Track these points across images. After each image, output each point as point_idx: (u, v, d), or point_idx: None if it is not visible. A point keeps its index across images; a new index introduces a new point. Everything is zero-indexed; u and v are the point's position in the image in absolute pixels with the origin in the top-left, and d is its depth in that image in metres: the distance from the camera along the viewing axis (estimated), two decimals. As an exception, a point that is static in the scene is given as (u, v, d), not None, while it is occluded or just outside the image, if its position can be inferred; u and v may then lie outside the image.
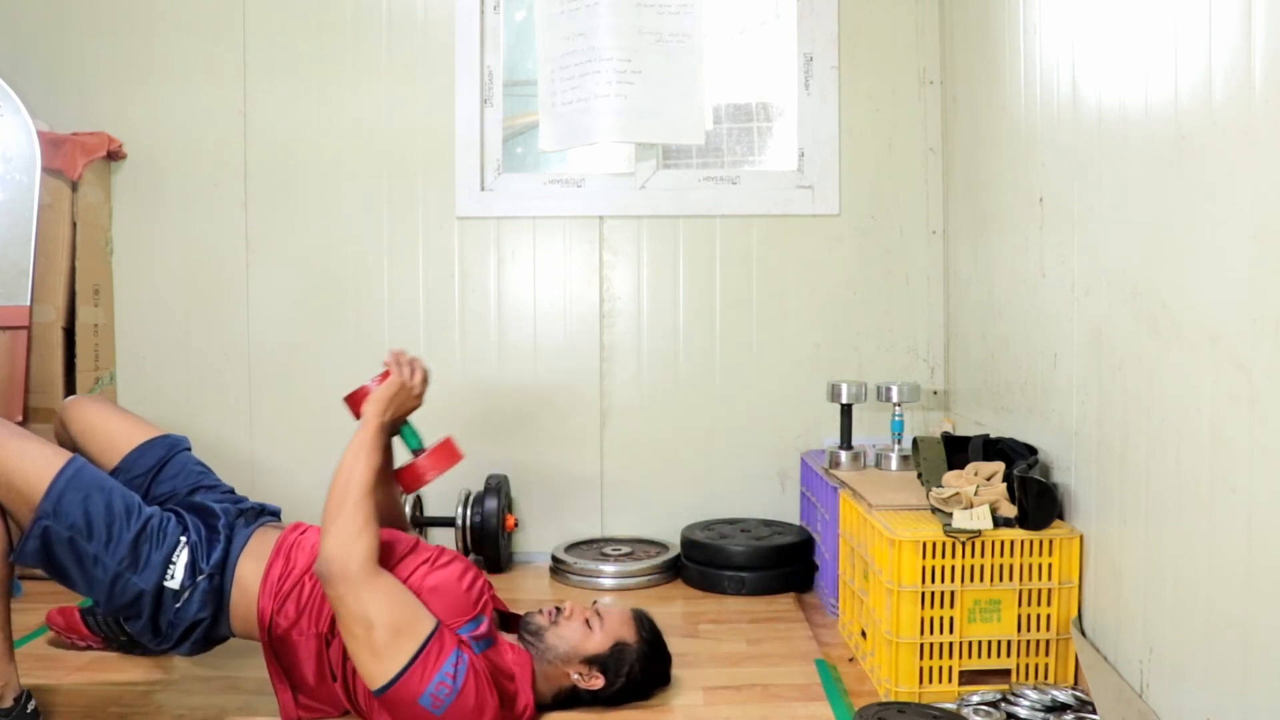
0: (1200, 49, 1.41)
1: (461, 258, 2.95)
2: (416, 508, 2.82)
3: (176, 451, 1.96)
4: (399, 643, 1.57)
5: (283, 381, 2.95)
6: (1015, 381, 2.23)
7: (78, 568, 1.62)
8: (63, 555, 1.61)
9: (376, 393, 1.84)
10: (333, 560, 1.61)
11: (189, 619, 1.68)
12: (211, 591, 1.70)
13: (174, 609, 1.67)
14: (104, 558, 1.61)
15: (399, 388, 1.85)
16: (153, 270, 2.95)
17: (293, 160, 2.94)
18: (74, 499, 1.60)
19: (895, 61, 2.90)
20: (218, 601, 1.71)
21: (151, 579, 1.65)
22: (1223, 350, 1.36)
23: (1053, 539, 1.86)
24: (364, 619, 1.58)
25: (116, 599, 1.64)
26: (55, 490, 1.59)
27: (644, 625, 1.82)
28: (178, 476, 1.92)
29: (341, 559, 1.61)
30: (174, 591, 1.67)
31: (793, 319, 2.93)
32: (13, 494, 1.60)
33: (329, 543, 1.63)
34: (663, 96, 2.85)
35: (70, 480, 1.62)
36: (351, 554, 1.61)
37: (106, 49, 2.93)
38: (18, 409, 2.52)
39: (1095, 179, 1.79)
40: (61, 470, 1.61)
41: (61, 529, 1.59)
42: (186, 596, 1.67)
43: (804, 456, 2.77)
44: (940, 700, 1.81)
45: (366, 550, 1.63)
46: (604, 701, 1.77)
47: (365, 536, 1.65)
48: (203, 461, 2.00)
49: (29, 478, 1.59)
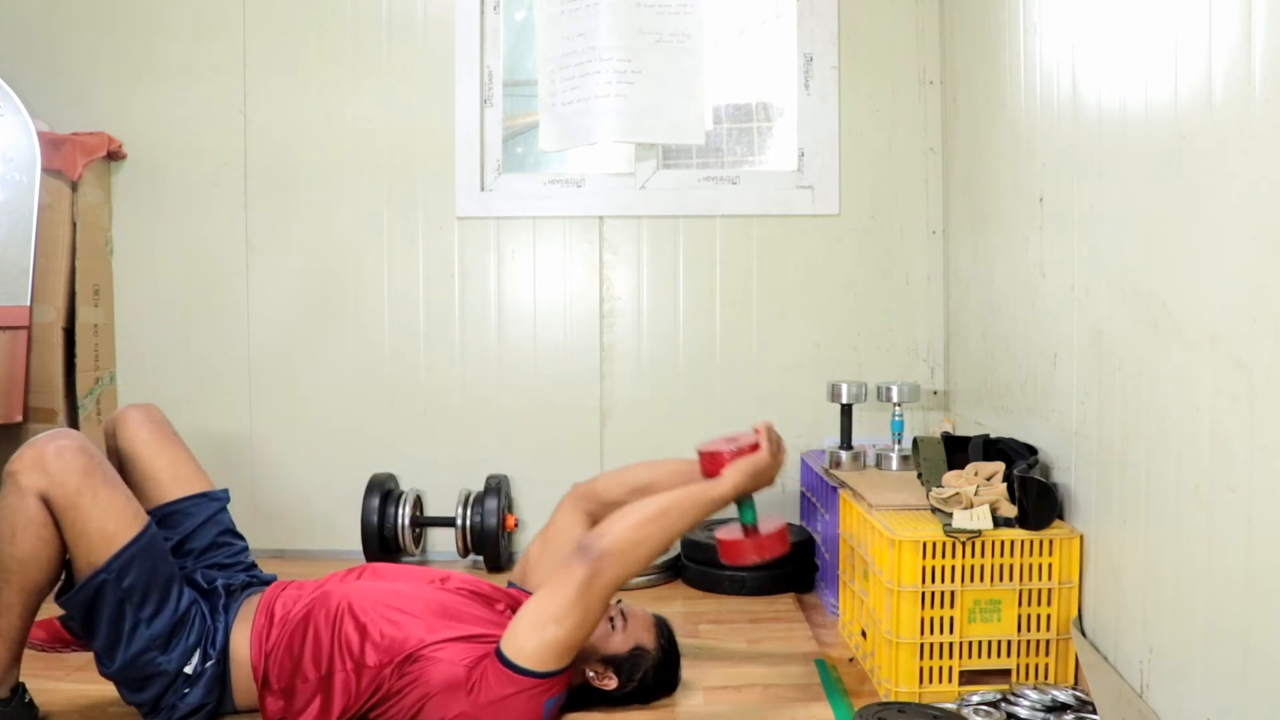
0: (1200, 49, 1.41)
1: (461, 258, 2.95)
2: (417, 508, 2.82)
3: (214, 514, 1.91)
4: (559, 654, 1.62)
5: (283, 381, 2.95)
6: (1015, 381, 2.23)
7: (111, 627, 1.60)
8: (104, 612, 1.59)
9: (745, 463, 1.79)
10: (608, 552, 1.63)
11: (192, 704, 1.67)
12: (216, 678, 1.69)
13: (181, 693, 1.66)
14: (141, 630, 1.61)
15: (767, 465, 1.82)
16: (153, 270, 2.95)
17: (293, 160, 2.94)
18: (143, 565, 1.60)
19: (895, 61, 2.90)
20: (221, 686, 1.70)
21: (175, 663, 1.64)
22: (1223, 350, 1.36)
23: (1053, 539, 1.86)
24: (562, 614, 1.60)
25: (133, 669, 1.63)
26: (129, 552, 1.58)
27: (664, 633, 1.83)
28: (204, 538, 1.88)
29: (613, 558, 1.63)
30: (187, 677, 1.66)
31: (793, 319, 2.93)
32: (83, 540, 1.58)
33: (619, 536, 1.65)
34: (663, 96, 2.85)
35: (145, 546, 1.61)
36: (621, 563, 1.64)
37: (106, 49, 2.93)
38: (18, 409, 2.52)
39: (1095, 179, 1.79)
40: (138, 536, 1.60)
41: (117, 590, 1.58)
42: (195, 683, 1.67)
43: (804, 456, 2.77)
44: (940, 700, 1.81)
45: (627, 575, 1.66)
46: (610, 702, 1.78)
47: (638, 566, 1.68)
48: (231, 526, 1.95)
49: (105, 531, 1.58)
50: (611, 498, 1.96)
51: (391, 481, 2.84)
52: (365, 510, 2.72)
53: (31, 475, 1.55)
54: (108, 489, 1.60)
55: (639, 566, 1.68)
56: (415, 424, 2.96)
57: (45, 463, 1.56)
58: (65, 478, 1.56)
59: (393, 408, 2.96)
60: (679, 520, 1.72)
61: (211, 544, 1.87)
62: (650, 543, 1.68)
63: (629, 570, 1.66)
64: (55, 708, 1.81)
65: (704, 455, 1.83)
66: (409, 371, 2.95)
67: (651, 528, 1.68)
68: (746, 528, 1.84)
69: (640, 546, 1.67)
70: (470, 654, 1.64)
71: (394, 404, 2.96)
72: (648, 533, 1.68)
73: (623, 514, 1.71)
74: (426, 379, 2.96)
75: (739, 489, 1.78)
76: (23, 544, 1.57)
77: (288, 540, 2.94)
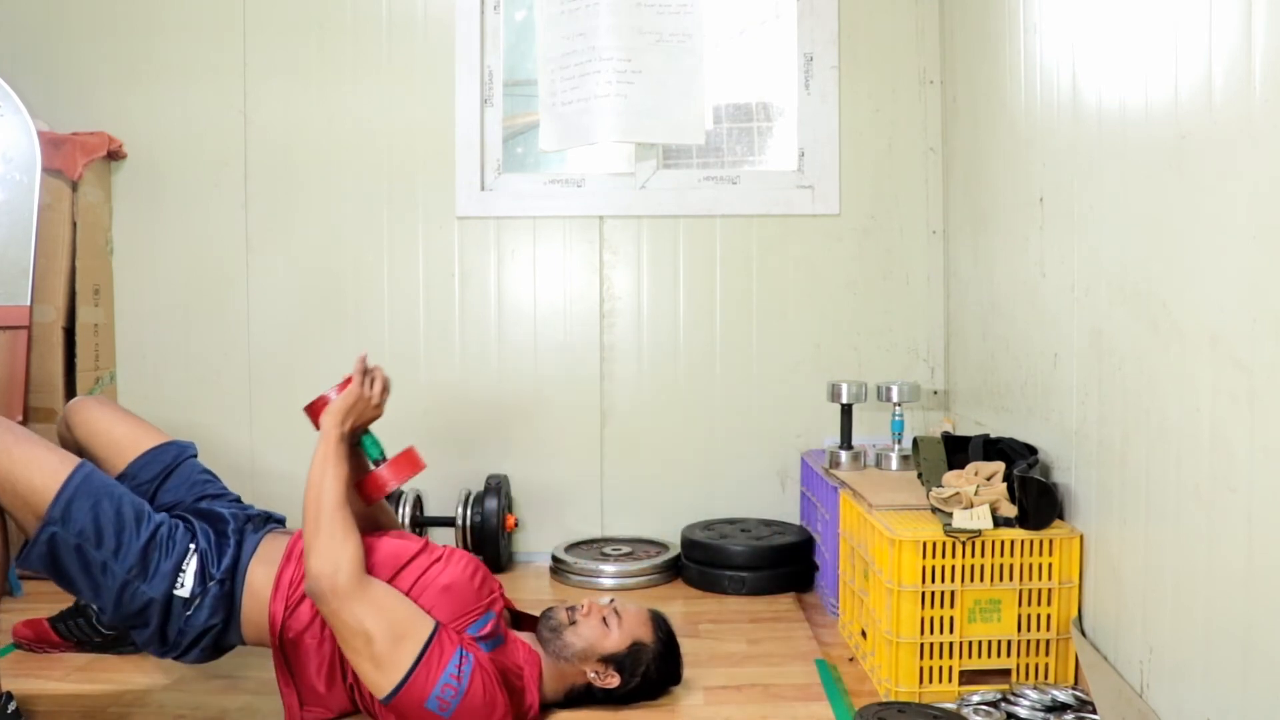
0: (1200, 49, 1.41)
1: (461, 258, 2.95)
2: (417, 507, 2.82)
3: (184, 459, 1.93)
4: (400, 650, 1.57)
5: (283, 381, 2.95)
6: (1015, 381, 2.23)
7: (84, 575, 1.60)
8: (69, 562, 1.59)
9: (334, 404, 1.82)
10: (320, 577, 1.60)
11: (199, 627, 1.66)
12: (223, 597, 1.68)
13: (184, 617, 1.65)
14: (112, 566, 1.60)
15: (356, 398, 1.84)
16: (153, 270, 2.95)
17: (293, 160, 2.94)
18: (82, 506, 1.58)
19: (895, 61, 2.90)
20: (229, 608, 1.69)
21: (161, 588, 1.63)
22: (1223, 350, 1.36)
23: (1053, 539, 1.86)
24: (361, 631, 1.57)
25: (124, 607, 1.63)
26: (63, 497, 1.57)
27: (660, 626, 1.82)
28: (184, 484, 1.90)
29: (329, 574, 1.60)
30: (184, 600, 1.65)
31: (793, 319, 2.93)
32: (18, 500, 1.57)
33: (313, 561, 1.62)
34: (663, 96, 2.85)
35: (79, 487, 1.59)
36: (339, 568, 1.61)
37: (106, 49, 2.93)
38: (18, 409, 2.52)
39: (1095, 179, 1.79)
40: (70, 476, 1.59)
41: (69, 536, 1.57)
42: (197, 604, 1.65)
43: (804, 456, 2.77)
44: (940, 700, 1.81)
45: (351, 562, 1.62)
46: (615, 700, 1.78)
47: (348, 548, 1.64)
48: (209, 469, 1.97)
49: (35, 484, 1.57)
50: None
51: (391, 481, 2.84)
52: (365, 510, 2.72)
53: None
54: (23, 446, 1.60)
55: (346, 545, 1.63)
56: (415, 424, 2.95)
57: None
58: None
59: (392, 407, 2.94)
60: (321, 491, 1.69)
61: (195, 481, 1.89)
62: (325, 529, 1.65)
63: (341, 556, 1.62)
64: (54, 708, 1.81)
65: (307, 411, 1.87)
66: (409, 371, 2.95)
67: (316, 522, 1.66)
68: (376, 462, 1.87)
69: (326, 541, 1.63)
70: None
71: (394, 403, 2.92)
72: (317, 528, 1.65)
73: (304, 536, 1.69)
74: (426, 379, 2.96)
75: (339, 428, 1.79)
76: None
77: (288, 540, 2.93)
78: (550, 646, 1.75)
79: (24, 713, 1.70)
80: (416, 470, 1.86)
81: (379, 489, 1.85)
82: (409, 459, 1.86)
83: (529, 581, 2.71)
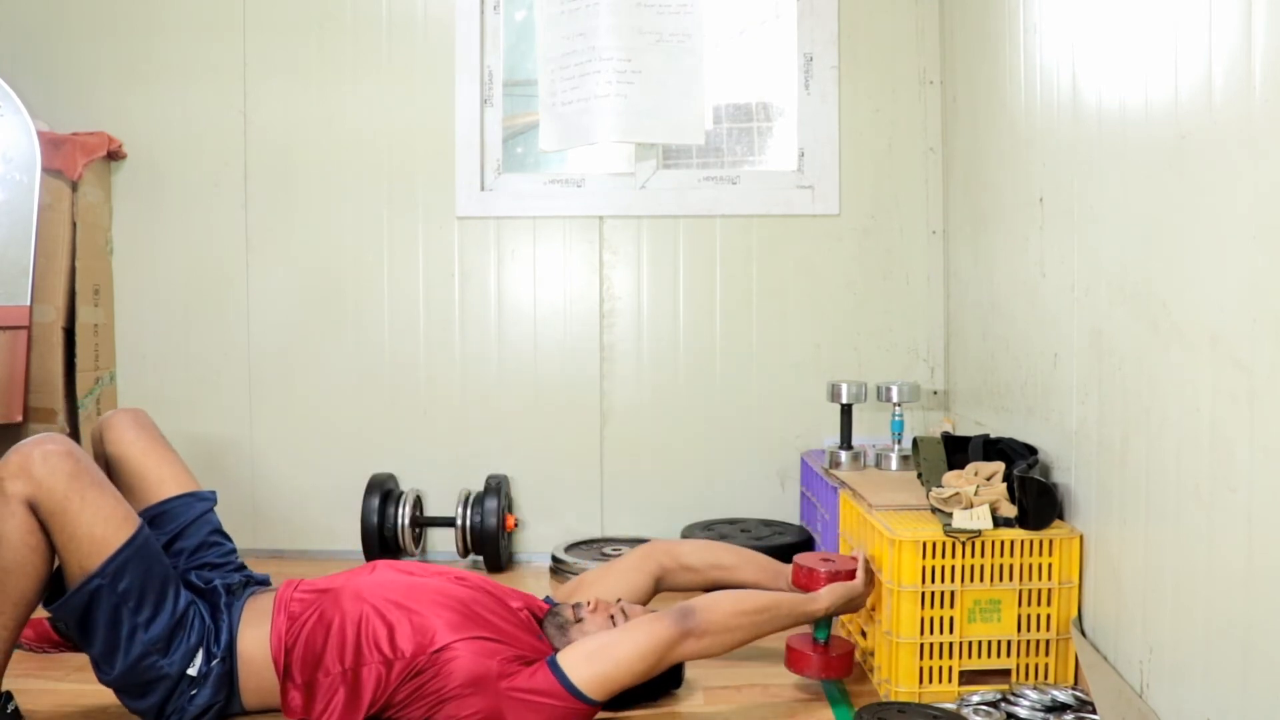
0: (1200, 49, 1.41)
1: (461, 258, 2.95)
2: (417, 508, 2.82)
3: (200, 515, 1.91)
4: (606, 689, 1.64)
5: (283, 381, 2.95)
6: (1015, 381, 2.23)
7: (108, 633, 1.59)
8: (100, 619, 1.58)
9: (843, 589, 1.86)
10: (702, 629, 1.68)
11: (201, 705, 1.66)
12: (224, 675, 1.68)
13: (188, 695, 1.65)
14: (140, 634, 1.59)
15: (860, 595, 1.89)
16: (153, 270, 2.95)
17: (293, 160, 2.94)
18: (135, 570, 1.58)
19: (895, 61, 2.90)
20: (229, 685, 1.69)
21: (177, 666, 1.63)
22: (1223, 350, 1.36)
23: (1053, 539, 1.86)
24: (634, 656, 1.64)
25: (134, 675, 1.62)
26: (121, 556, 1.56)
27: None
28: (191, 546, 1.87)
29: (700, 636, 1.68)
30: (191, 679, 1.65)
31: (793, 319, 2.93)
32: (73, 544, 1.55)
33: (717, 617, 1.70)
34: (663, 96, 2.85)
35: (138, 550, 1.59)
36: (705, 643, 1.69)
37: (106, 49, 2.93)
38: (18, 409, 2.52)
39: (1095, 179, 1.79)
40: (132, 538, 1.58)
41: (112, 595, 1.56)
42: (201, 684, 1.66)
43: (804, 456, 2.77)
44: (940, 700, 1.81)
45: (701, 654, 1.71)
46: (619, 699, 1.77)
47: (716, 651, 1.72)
48: (220, 528, 1.94)
49: (96, 534, 1.55)
50: (690, 563, 2.08)
51: (391, 481, 2.84)
52: (365, 510, 2.72)
53: (17, 481, 1.53)
54: (96, 492, 1.58)
55: (720, 651, 1.73)
56: (415, 424, 2.96)
57: (31, 468, 1.53)
58: (52, 483, 1.53)
59: (393, 407, 2.96)
60: (771, 622, 1.77)
61: (202, 544, 1.87)
62: (740, 633, 1.73)
63: (711, 650, 1.71)
64: (54, 708, 1.81)
65: (800, 569, 1.93)
66: (409, 371, 2.95)
67: (747, 619, 1.74)
68: (817, 643, 1.89)
69: (731, 633, 1.72)
70: (499, 653, 1.64)
71: (394, 404, 2.96)
72: (742, 622, 1.73)
73: (727, 596, 1.77)
74: (426, 379, 2.96)
75: (831, 611, 1.84)
76: (9, 552, 1.54)
77: (287, 540, 2.94)
78: (558, 643, 1.76)
79: (24, 713, 1.69)
80: (841, 676, 1.89)
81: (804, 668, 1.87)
82: (847, 663, 1.88)
83: (529, 582, 2.71)
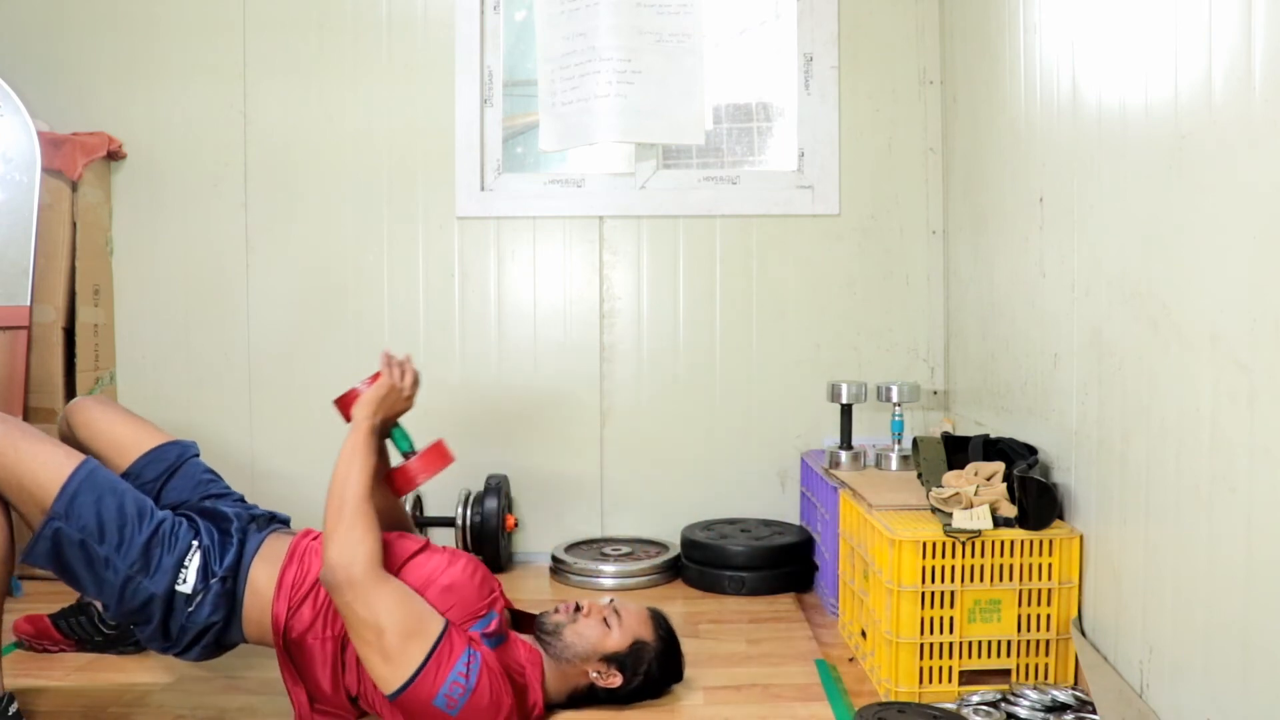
0: (1200, 49, 1.41)
1: (461, 258, 2.95)
2: (416, 507, 2.82)
3: (186, 458, 1.94)
4: (410, 646, 1.57)
5: (283, 381, 2.95)
6: (1015, 381, 2.23)
7: (88, 570, 1.61)
8: (73, 557, 1.60)
9: (365, 395, 1.84)
10: (337, 568, 1.61)
11: (201, 623, 1.66)
12: (224, 595, 1.68)
13: (186, 613, 1.65)
14: (115, 561, 1.60)
15: (388, 389, 1.85)
16: (153, 270, 2.95)
17: (293, 160, 2.94)
18: (86, 501, 1.60)
19: (895, 61, 2.90)
20: (230, 605, 1.69)
21: (163, 583, 1.64)
22: (1223, 350, 1.36)
23: (1053, 539, 1.86)
24: (374, 624, 1.58)
25: (127, 603, 1.63)
26: (68, 492, 1.58)
27: (660, 624, 1.82)
28: (188, 483, 1.90)
29: (346, 565, 1.60)
30: (186, 596, 1.65)
31: (793, 319, 2.93)
32: (24, 494, 1.59)
33: (332, 551, 1.63)
34: (663, 96, 2.85)
35: (83, 482, 1.61)
36: (355, 560, 1.61)
37: (106, 49, 2.93)
38: (18, 409, 2.52)
39: (1095, 179, 1.79)
40: (74, 472, 1.61)
41: (73, 531, 1.58)
42: (199, 600, 1.66)
43: (804, 456, 2.77)
44: (940, 700, 1.81)
45: (370, 555, 1.63)
46: (619, 699, 1.78)
47: (367, 541, 1.64)
48: (212, 469, 1.98)
49: (40, 479, 1.58)
50: None
51: (391, 481, 2.84)
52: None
53: None
54: (29, 441, 1.61)
55: (366, 539, 1.64)
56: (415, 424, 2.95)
57: None
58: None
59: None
60: (348, 483, 1.69)
61: (199, 481, 1.90)
62: (347, 520, 1.65)
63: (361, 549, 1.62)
64: (54, 708, 1.81)
65: (338, 404, 1.88)
66: (409, 371, 2.95)
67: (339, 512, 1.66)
68: (406, 455, 1.87)
69: (348, 531, 1.63)
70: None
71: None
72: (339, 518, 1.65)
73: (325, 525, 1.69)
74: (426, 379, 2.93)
75: (371, 420, 1.80)
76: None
77: (288, 540, 2.93)
78: (551, 648, 1.75)
79: (25, 713, 1.70)
80: (446, 464, 1.86)
81: (409, 482, 1.85)
82: (438, 452, 1.86)
83: (529, 582, 2.71)
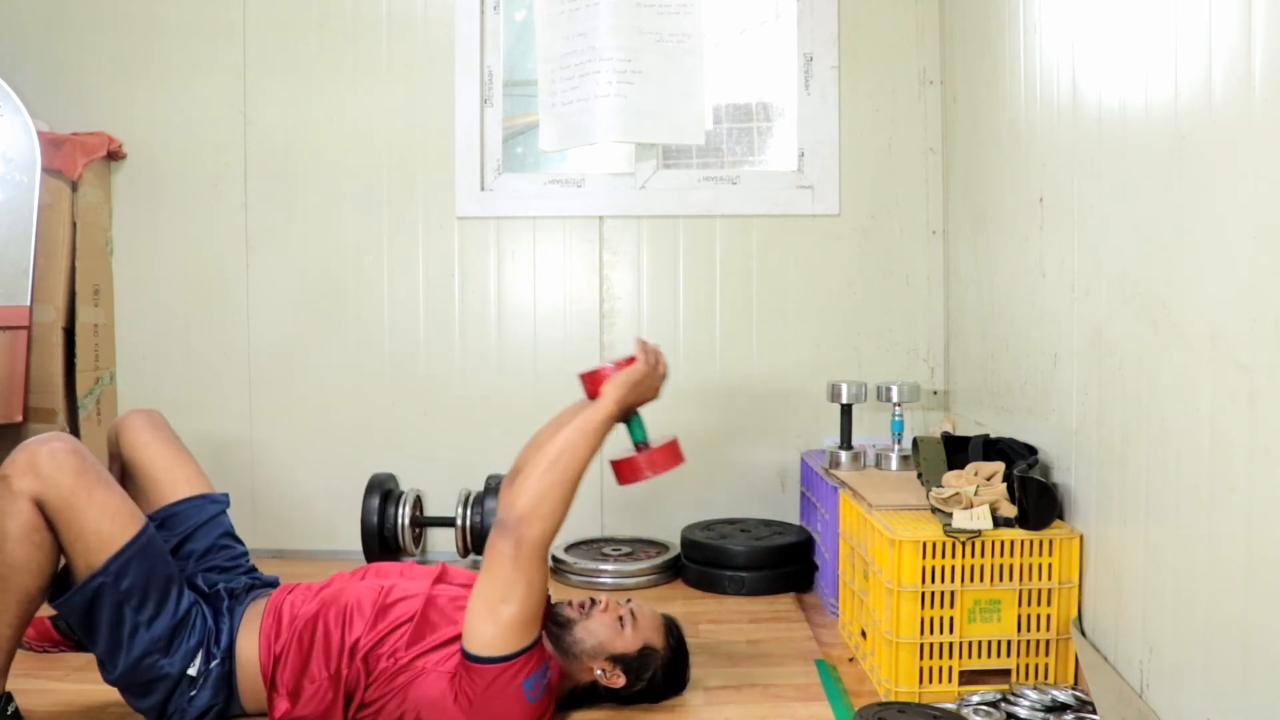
0: (1200, 49, 1.41)
1: (461, 258, 2.95)
2: (416, 508, 2.82)
3: (212, 517, 1.91)
4: (520, 631, 1.59)
5: (283, 381, 2.95)
6: (1015, 381, 2.23)
7: (111, 631, 1.59)
8: (104, 616, 1.58)
9: (621, 375, 1.79)
10: (522, 516, 1.60)
11: (201, 707, 1.66)
12: (223, 678, 1.68)
13: (188, 696, 1.65)
14: (142, 633, 1.60)
15: (644, 375, 1.81)
16: (153, 270, 2.95)
17: (293, 160, 2.94)
18: (139, 568, 1.59)
19: (895, 61, 2.90)
20: (229, 687, 1.69)
21: (178, 666, 1.63)
22: (1223, 350, 1.36)
23: (1053, 539, 1.86)
24: (507, 591, 1.58)
25: (136, 674, 1.62)
26: (126, 554, 1.57)
27: (673, 633, 1.82)
28: (201, 548, 1.87)
29: (528, 520, 1.60)
30: (191, 679, 1.65)
31: (793, 319, 2.93)
32: (80, 541, 1.56)
33: (525, 497, 1.62)
34: (663, 96, 2.85)
35: (143, 548, 1.60)
36: (537, 522, 1.61)
37: (106, 49, 2.93)
38: (18, 409, 2.52)
39: (1095, 179, 1.79)
40: (136, 537, 1.59)
41: (115, 593, 1.57)
42: (201, 685, 1.66)
43: (804, 456, 2.77)
44: (940, 700, 1.81)
45: (551, 530, 1.63)
46: (618, 699, 1.78)
47: (558, 516, 1.64)
48: (231, 529, 1.94)
49: (103, 532, 1.56)
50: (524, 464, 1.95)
51: (391, 481, 2.84)
52: (365, 510, 2.71)
53: (25, 479, 1.54)
54: (102, 490, 1.59)
55: (559, 514, 1.66)
56: (415, 424, 2.96)
57: (38, 465, 1.54)
58: (59, 479, 1.54)
59: (393, 407, 2.96)
60: (575, 455, 1.69)
61: (211, 546, 1.87)
62: (558, 488, 1.66)
63: (551, 522, 1.64)
64: (55, 708, 1.80)
65: (585, 378, 1.83)
66: (409, 371, 2.95)
67: (552, 474, 1.66)
68: (638, 445, 1.83)
69: (549, 496, 1.64)
70: (452, 659, 1.64)
71: (394, 404, 2.96)
72: (551, 479, 1.66)
73: (525, 474, 1.69)
74: (426, 379, 2.96)
75: (621, 403, 1.78)
76: (15, 549, 1.55)
77: (287, 541, 2.93)
78: (560, 642, 1.74)
79: (25, 713, 1.70)
80: (677, 464, 1.80)
81: (635, 473, 1.81)
82: (672, 450, 1.80)
83: (529, 581, 2.71)
